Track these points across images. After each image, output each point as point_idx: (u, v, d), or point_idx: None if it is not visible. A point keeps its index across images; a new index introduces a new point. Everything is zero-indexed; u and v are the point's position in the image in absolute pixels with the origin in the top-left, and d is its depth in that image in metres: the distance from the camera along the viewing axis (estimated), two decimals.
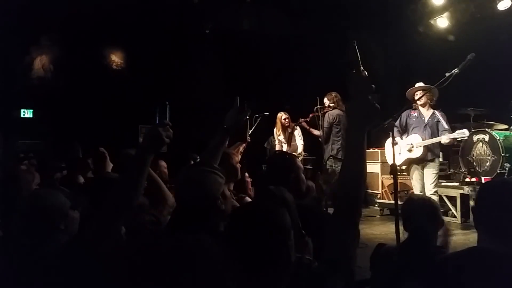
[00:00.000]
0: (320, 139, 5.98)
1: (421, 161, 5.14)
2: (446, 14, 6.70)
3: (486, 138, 5.64)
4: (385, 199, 6.88)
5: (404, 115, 5.26)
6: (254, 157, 4.39)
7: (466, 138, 5.01)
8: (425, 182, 5.13)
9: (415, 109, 5.24)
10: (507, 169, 5.26)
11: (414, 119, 5.26)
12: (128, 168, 1.52)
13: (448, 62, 4.21)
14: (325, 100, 5.93)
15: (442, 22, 6.76)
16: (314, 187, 3.02)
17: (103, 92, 7.38)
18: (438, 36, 6.83)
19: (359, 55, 1.31)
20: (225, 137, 2.12)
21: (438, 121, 5.15)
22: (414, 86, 5.12)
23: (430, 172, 5.14)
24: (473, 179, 5.63)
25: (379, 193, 7.10)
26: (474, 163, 5.78)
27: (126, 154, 2.41)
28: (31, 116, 7.94)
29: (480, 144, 5.73)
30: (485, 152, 5.64)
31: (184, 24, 7.67)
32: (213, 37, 7.99)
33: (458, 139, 5.03)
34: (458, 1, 6.44)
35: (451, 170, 6.90)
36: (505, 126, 5.71)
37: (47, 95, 7.49)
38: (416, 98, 5.10)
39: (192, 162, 3.38)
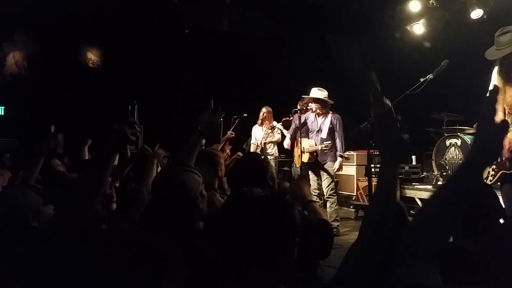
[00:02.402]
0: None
1: (314, 165, 5.34)
2: (422, 21, 6.85)
3: (458, 142, 5.79)
4: (360, 201, 6.99)
5: (305, 116, 5.52)
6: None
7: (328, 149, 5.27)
8: (322, 186, 5.34)
9: (312, 112, 5.46)
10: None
11: (310, 123, 5.50)
12: (91, 165, 1.50)
13: (423, 68, 4.31)
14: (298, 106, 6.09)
15: (418, 28, 6.91)
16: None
17: (79, 90, 7.24)
18: (414, 42, 6.98)
19: (378, 86, 1.28)
20: (200, 139, 2.14)
21: (330, 127, 5.37)
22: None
23: (325, 176, 5.34)
24: None
25: (354, 195, 7.20)
26: (447, 167, 5.93)
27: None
28: (2, 113, 7.73)
29: (453, 148, 5.88)
30: (457, 156, 5.79)
31: (163, 23, 7.61)
32: (192, 37, 7.95)
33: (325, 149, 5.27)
34: (434, 8, 6.60)
35: (424, 173, 7.06)
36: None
37: (19, 92, 7.31)
38: (308, 107, 5.43)
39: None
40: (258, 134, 6.54)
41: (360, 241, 1.27)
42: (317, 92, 5.39)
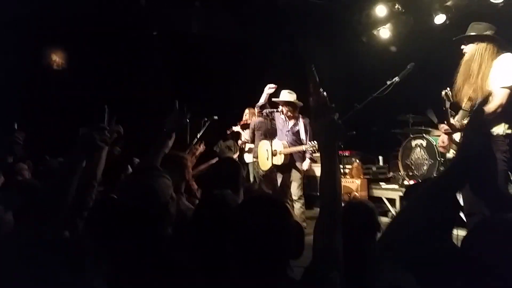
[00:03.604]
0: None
1: (284, 167, 5.38)
2: (388, 26, 7.03)
3: (424, 143, 5.96)
4: None
5: (275, 117, 5.59)
6: (202, 161, 4.35)
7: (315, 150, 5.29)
8: (291, 187, 5.34)
9: (281, 114, 5.53)
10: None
11: (280, 123, 5.58)
12: (59, 170, 1.46)
13: (390, 71, 4.42)
14: (253, 110, 6.31)
15: (385, 33, 7.08)
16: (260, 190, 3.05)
17: (43, 93, 7.02)
18: (381, 46, 7.15)
19: (317, 78, 1.43)
20: (166, 141, 2.11)
21: (298, 130, 5.47)
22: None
23: (295, 178, 5.39)
24: (411, 182, 5.93)
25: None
26: (413, 167, 6.09)
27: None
28: None
29: (418, 149, 6.05)
30: (423, 157, 5.96)
31: (131, 25, 7.48)
32: (160, 39, 7.86)
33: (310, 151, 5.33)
34: (399, 13, 6.78)
35: (391, 173, 7.23)
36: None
37: None
38: (279, 109, 5.48)
39: (129, 167, 3.30)
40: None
41: (318, 225, 1.36)
42: (287, 95, 5.44)
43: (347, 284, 1.21)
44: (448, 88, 3.21)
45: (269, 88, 5.60)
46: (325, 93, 1.44)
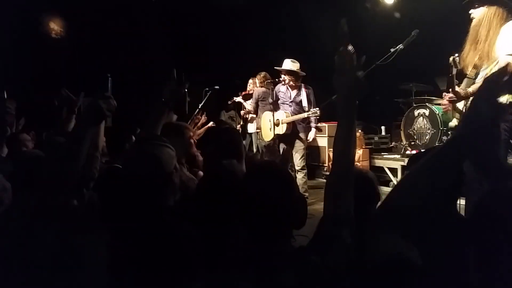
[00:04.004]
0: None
1: (287, 137, 5.35)
2: None
3: (427, 112, 5.92)
4: None
5: (276, 89, 5.52)
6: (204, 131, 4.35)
7: (318, 116, 5.27)
8: (294, 157, 5.35)
9: (284, 84, 5.47)
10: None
11: (282, 94, 5.52)
12: (67, 141, 1.46)
13: (393, 38, 4.33)
14: (256, 80, 6.33)
15: None
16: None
17: (41, 62, 6.94)
18: (385, 13, 6.99)
19: (348, 32, 1.36)
20: (164, 110, 2.09)
21: (301, 100, 5.42)
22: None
23: (298, 148, 5.39)
24: (414, 152, 5.93)
25: (326, 166, 7.31)
26: (415, 136, 6.08)
27: None
28: None
29: (421, 118, 6.01)
30: (425, 126, 5.93)
31: None
32: (159, 6, 7.70)
33: (311, 116, 5.31)
34: None
35: (393, 143, 7.23)
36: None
37: None
38: (281, 79, 5.41)
39: (133, 137, 3.29)
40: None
41: (330, 186, 1.34)
42: (290, 64, 5.38)
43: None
44: (456, 54, 3.14)
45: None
46: (353, 48, 1.36)
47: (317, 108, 5.18)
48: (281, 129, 5.39)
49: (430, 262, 1.18)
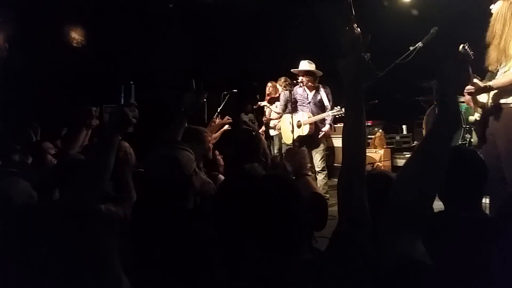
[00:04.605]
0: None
1: (309, 138, 5.30)
2: None
3: None
4: None
5: (294, 91, 5.47)
6: (223, 135, 4.37)
7: (341, 114, 5.08)
8: (314, 159, 5.29)
9: (301, 86, 5.43)
10: (468, 140, 5.46)
11: (299, 96, 5.48)
12: (95, 150, 1.50)
13: (413, 36, 4.28)
14: (277, 85, 6.41)
15: None
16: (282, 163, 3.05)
17: (64, 71, 7.10)
18: (403, 10, 6.90)
19: (353, 12, 1.30)
20: (183, 120, 2.12)
21: (321, 99, 5.36)
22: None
23: (318, 149, 5.34)
24: None
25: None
26: None
27: None
28: None
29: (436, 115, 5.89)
30: None
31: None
32: (177, 12, 7.78)
33: (337, 116, 5.19)
34: None
35: (415, 142, 7.12)
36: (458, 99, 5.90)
37: (3, 74, 7.14)
38: (299, 80, 5.37)
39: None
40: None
41: (341, 181, 1.27)
42: (307, 65, 5.38)
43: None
44: (467, 43, 3.07)
45: None
46: (359, 29, 1.29)
47: (340, 107, 5.10)
48: (304, 130, 5.37)
49: (447, 263, 1.16)
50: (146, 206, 1.67)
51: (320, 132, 5.38)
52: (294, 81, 5.51)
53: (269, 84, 6.73)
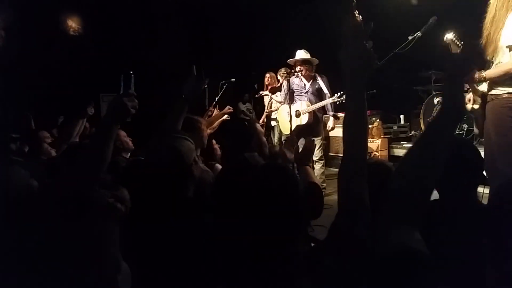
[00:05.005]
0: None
1: (308, 128, 5.30)
2: None
3: None
4: None
5: (290, 82, 5.46)
6: (220, 124, 4.36)
7: (342, 100, 5.08)
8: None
9: (297, 76, 5.42)
10: (464, 130, 5.48)
11: (296, 86, 5.47)
12: (93, 138, 1.50)
13: (411, 26, 4.26)
14: (278, 76, 6.47)
15: None
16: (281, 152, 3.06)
17: (60, 59, 7.06)
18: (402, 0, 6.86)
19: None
20: (184, 107, 2.12)
21: (319, 87, 5.36)
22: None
23: (317, 139, 5.34)
24: None
25: (341, 156, 7.26)
26: None
27: None
28: None
29: (441, 106, 5.90)
30: None
31: None
32: (176, 2, 7.73)
33: (337, 102, 5.19)
34: None
35: (412, 132, 7.13)
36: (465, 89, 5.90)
37: None
38: (297, 70, 5.35)
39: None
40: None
41: (341, 173, 1.26)
42: (303, 54, 5.37)
43: None
44: (452, 32, 3.07)
45: None
46: (360, 17, 1.24)
47: (341, 92, 5.03)
48: (302, 120, 5.37)
49: (442, 251, 1.17)
50: (146, 194, 1.68)
51: (327, 127, 5.39)
52: (293, 71, 5.50)
53: (268, 75, 6.75)
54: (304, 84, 5.44)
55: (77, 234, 1.19)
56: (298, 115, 5.39)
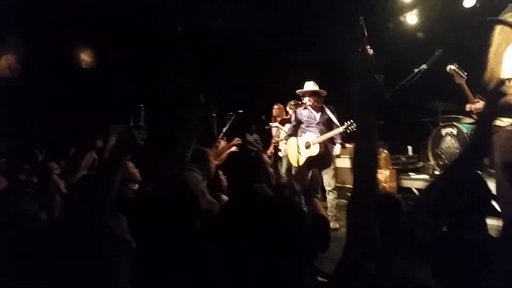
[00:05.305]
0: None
1: (319, 158, 5.29)
2: (415, 11, 6.84)
3: (454, 131, 5.80)
4: None
5: (297, 113, 5.54)
6: (227, 156, 4.37)
7: (352, 129, 5.11)
8: (324, 178, 5.25)
9: (305, 108, 5.45)
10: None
11: (306, 118, 5.48)
12: (102, 170, 1.52)
13: (417, 59, 4.31)
14: (287, 108, 6.54)
15: (411, 19, 6.90)
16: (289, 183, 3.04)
17: (72, 91, 7.19)
18: (408, 33, 6.97)
19: (366, 32, 1.27)
20: (193, 136, 2.14)
21: (328, 118, 5.39)
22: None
23: (329, 169, 5.35)
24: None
25: (351, 187, 7.20)
26: (443, 156, 5.94)
27: None
28: None
29: (449, 137, 5.89)
30: (454, 145, 5.81)
31: (155, 21, 7.56)
32: (185, 34, 7.91)
33: (348, 131, 5.21)
34: None
35: (421, 163, 7.08)
36: (472, 120, 5.90)
37: (12, 95, 7.24)
38: (304, 101, 5.42)
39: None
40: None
41: (351, 206, 1.24)
42: (312, 85, 5.44)
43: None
44: (455, 63, 3.15)
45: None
46: (372, 51, 1.26)
47: (351, 121, 5.07)
48: (313, 151, 5.36)
49: (450, 284, 1.14)
50: (153, 226, 1.67)
51: (333, 153, 5.38)
52: (300, 102, 5.56)
53: (276, 106, 6.82)
54: (314, 115, 5.47)
55: (84, 262, 1.19)
56: (307, 146, 5.39)
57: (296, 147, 5.42)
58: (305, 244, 1.21)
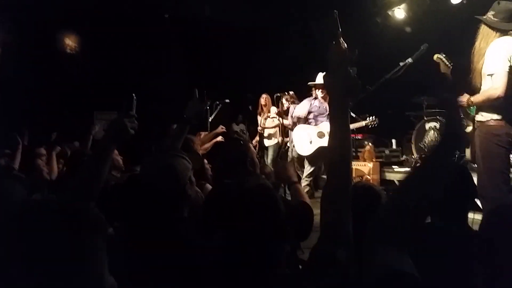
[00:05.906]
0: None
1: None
2: (403, 6, 6.88)
3: (438, 126, 5.89)
4: None
5: (309, 104, 5.62)
6: (213, 145, 4.37)
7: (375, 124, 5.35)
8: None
9: (315, 98, 5.56)
10: (456, 155, 5.53)
11: (316, 108, 5.58)
12: (90, 157, 1.51)
13: (403, 53, 4.35)
14: (284, 101, 6.48)
15: (399, 13, 6.94)
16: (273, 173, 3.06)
17: (56, 77, 7.09)
18: (395, 27, 7.02)
19: (339, 26, 1.29)
20: (185, 127, 2.17)
21: None
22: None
23: None
24: None
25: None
26: (426, 150, 6.03)
27: None
28: None
29: (432, 131, 5.98)
30: (436, 139, 5.90)
31: (142, 8, 7.46)
32: (173, 25, 7.83)
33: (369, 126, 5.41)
34: None
35: (404, 156, 7.18)
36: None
37: None
38: (318, 94, 5.53)
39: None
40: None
41: (324, 196, 1.24)
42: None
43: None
44: (442, 52, 3.23)
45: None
46: (345, 44, 1.26)
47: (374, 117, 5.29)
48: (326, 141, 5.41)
49: (432, 275, 1.16)
50: (139, 212, 1.67)
51: None
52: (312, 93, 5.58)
53: (264, 96, 6.81)
54: (325, 106, 5.51)
55: (61, 246, 1.18)
56: (321, 135, 5.41)
57: (307, 136, 5.40)
58: (280, 231, 1.21)
